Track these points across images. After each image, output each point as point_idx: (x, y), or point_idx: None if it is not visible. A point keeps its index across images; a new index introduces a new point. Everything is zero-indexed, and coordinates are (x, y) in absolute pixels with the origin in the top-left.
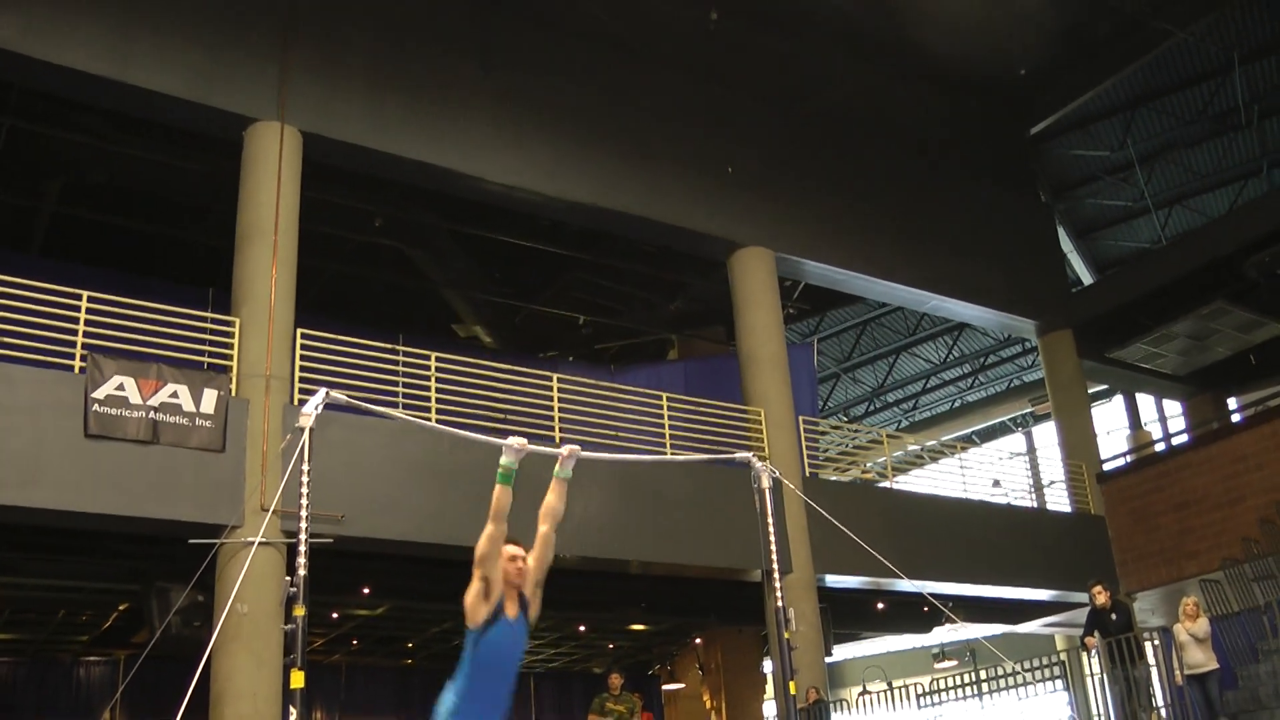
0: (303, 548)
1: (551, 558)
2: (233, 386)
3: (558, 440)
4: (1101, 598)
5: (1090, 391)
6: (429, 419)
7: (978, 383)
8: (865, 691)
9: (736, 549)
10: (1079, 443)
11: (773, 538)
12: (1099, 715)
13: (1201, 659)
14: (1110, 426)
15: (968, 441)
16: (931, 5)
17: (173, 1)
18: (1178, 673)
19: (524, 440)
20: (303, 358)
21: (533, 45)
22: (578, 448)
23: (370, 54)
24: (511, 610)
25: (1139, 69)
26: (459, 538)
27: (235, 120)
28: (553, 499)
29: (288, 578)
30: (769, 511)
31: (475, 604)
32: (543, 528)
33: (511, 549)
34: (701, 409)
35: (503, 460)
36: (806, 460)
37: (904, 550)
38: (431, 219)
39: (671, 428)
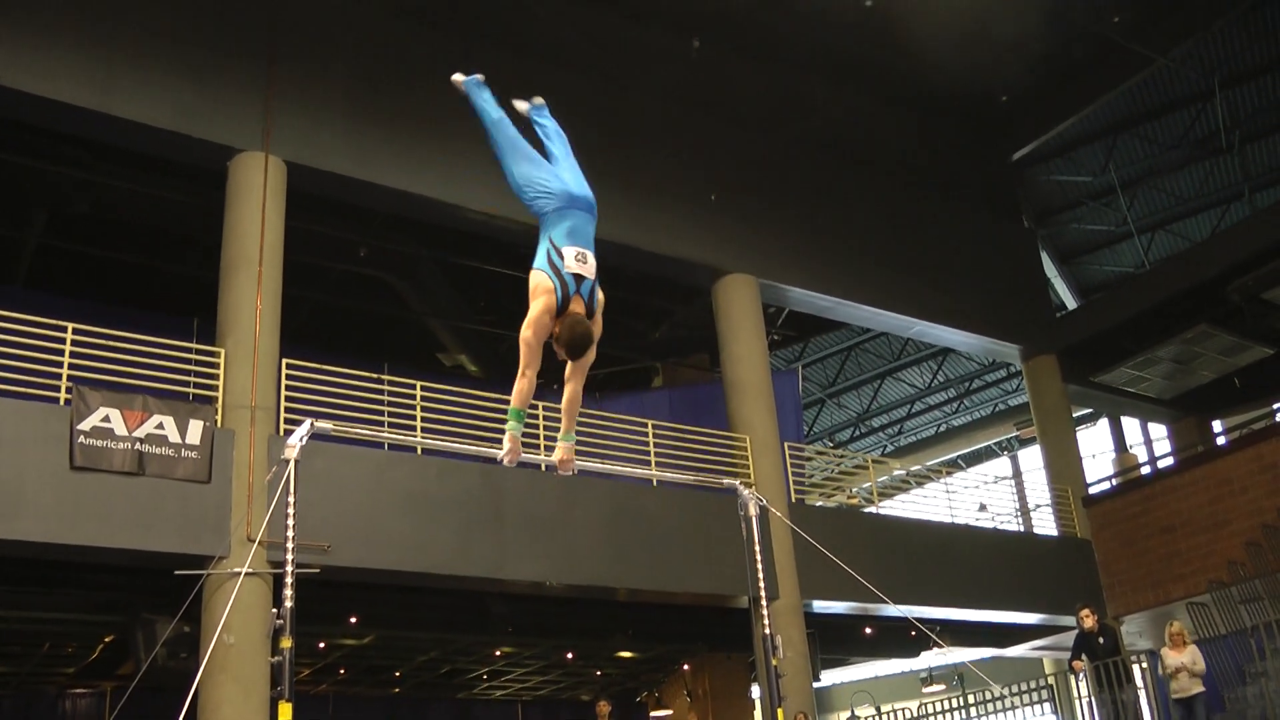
0: (289, 579)
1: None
2: (218, 417)
3: (543, 468)
4: (1089, 621)
5: (1075, 415)
6: (414, 449)
7: (963, 407)
8: (854, 716)
9: (723, 575)
10: (1064, 466)
11: (759, 564)
12: None
13: (1186, 683)
14: (1095, 450)
15: (953, 466)
16: (913, 33)
17: (156, 33)
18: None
19: (518, 449)
20: (288, 388)
21: (514, 74)
22: (573, 462)
23: (353, 84)
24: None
25: (1120, 95)
26: (446, 566)
27: (219, 151)
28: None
29: (274, 609)
30: (756, 538)
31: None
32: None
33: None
34: (687, 436)
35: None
36: (792, 486)
37: (891, 575)
38: (415, 248)
39: (657, 455)
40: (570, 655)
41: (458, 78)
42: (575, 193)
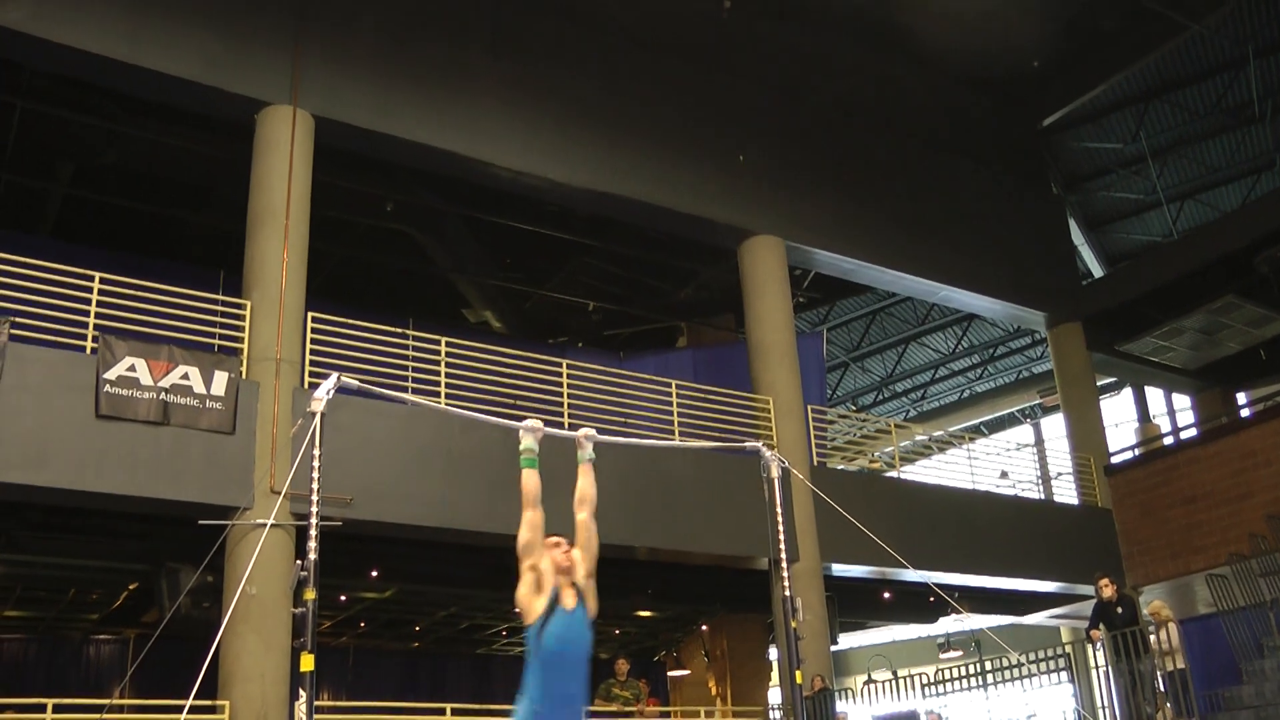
0: (313, 532)
1: (597, 545)
2: (243, 369)
3: (566, 425)
4: (1107, 590)
5: (1099, 384)
6: (439, 404)
7: (986, 374)
8: (870, 680)
9: (743, 537)
10: (1087, 435)
11: (780, 526)
12: (1104, 708)
13: (1162, 660)
14: (1119, 419)
15: (975, 432)
16: None
17: None
18: (1167, 658)
19: (539, 422)
20: (313, 341)
21: (543, 32)
22: (592, 431)
23: (382, 39)
24: (569, 601)
25: (1152, 62)
26: (468, 522)
27: (247, 104)
28: (584, 484)
29: (298, 561)
30: (777, 500)
31: (529, 598)
32: (580, 515)
33: (553, 538)
34: (710, 397)
35: (522, 444)
36: (814, 449)
37: (910, 540)
38: (442, 204)
39: (680, 415)
40: None
41: None
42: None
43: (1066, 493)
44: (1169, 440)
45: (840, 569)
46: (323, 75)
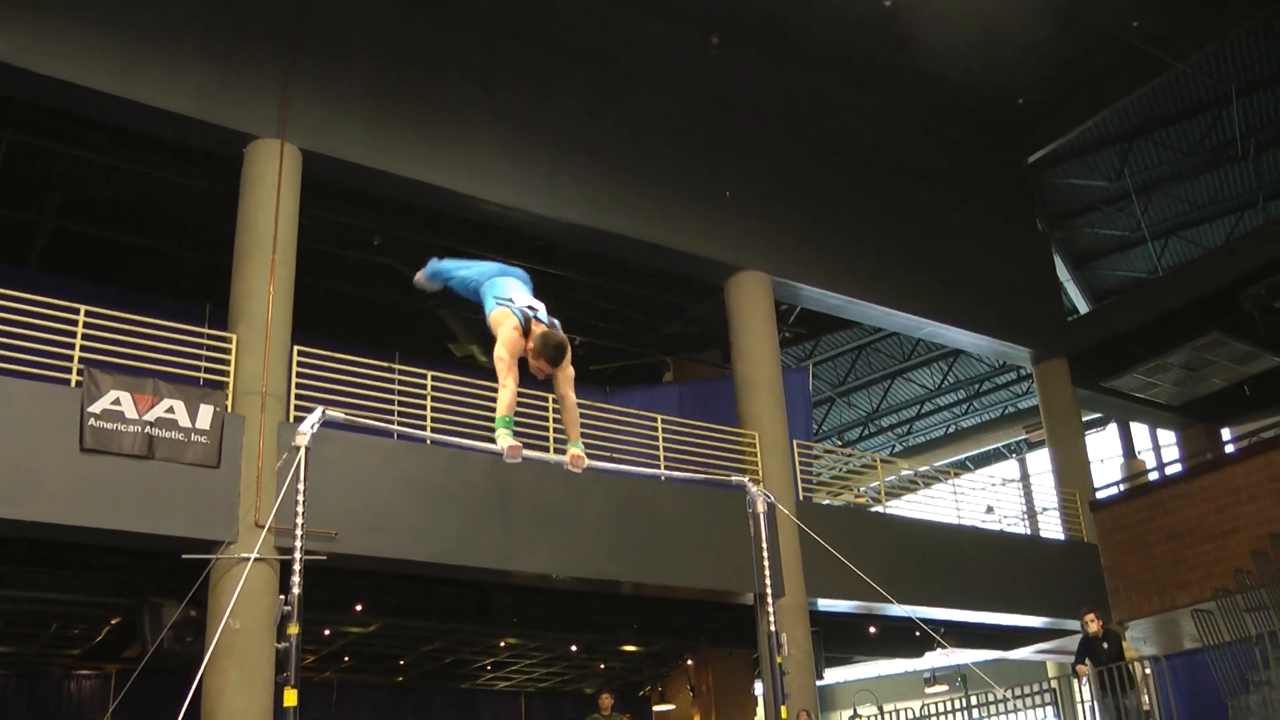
0: (297, 566)
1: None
2: (229, 403)
3: (552, 451)
4: (1093, 626)
5: (1084, 420)
6: (424, 437)
7: (972, 409)
8: (856, 715)
9: (729, 572)
10: (1072, 470)
11: (766, 561)
12: None
13: (1144, 698)
14: (1104, 455)
15: (961, 467)
16: (932, 33)
17: (176, 18)
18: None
19: (519, 445)
20: (299, 375)
21: (534, 67)
22: (584, 459)
23: (372, 73)
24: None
25: (1137, 100)
26: (453, 556)
27: (236, 137)
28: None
29: (282, 596)
30: (763, 535)
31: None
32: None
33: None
34: (696, 431)
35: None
36: (800, 484)
37: (896, 575)
38: (429, 238)
39: (666, 450)
40: (574, 648)
41: (419, 277)
42: (507, 267)
43: (1052, 528)
44: (1154, 476)
45: (826, 604)
46: (312, 109)
